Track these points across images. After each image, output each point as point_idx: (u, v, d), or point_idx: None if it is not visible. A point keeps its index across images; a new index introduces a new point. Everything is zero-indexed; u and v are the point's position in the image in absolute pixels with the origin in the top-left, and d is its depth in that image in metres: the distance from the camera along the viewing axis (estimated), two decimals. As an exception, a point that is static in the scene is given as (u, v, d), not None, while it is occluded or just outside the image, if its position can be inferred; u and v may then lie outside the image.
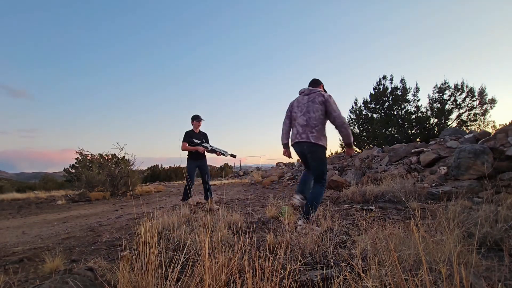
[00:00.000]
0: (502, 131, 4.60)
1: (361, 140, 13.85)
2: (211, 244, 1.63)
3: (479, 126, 11.96)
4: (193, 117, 4.71)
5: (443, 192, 3.58)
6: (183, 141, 4.57)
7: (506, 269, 1.38)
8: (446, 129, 8.23)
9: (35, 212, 6.43)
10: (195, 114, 4.72)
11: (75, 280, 1.41)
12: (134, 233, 2.93)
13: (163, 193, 10.02)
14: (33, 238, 3.37)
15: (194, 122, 4.69)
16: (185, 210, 3.67)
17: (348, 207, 3.75)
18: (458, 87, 12.19)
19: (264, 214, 3.48)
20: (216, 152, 4.65)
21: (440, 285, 1.19)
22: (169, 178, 24.39)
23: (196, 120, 4.68)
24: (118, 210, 5.90)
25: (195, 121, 4.68)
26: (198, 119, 4.69)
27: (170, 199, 7.45)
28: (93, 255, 2.30)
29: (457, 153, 4.31)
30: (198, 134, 4.69)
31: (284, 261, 1.68)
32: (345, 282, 1.26)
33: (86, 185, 9.03)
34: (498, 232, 1.85)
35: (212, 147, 4.64)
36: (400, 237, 1.67)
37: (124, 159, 10.10)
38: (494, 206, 2.40)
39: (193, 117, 4.71)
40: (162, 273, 1.33)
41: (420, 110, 12.72)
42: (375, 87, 13.73)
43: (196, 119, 4.68)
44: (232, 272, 1.33)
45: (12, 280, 1.75)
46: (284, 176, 10.73)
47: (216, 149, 4.64)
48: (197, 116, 4.70)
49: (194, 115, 4.72)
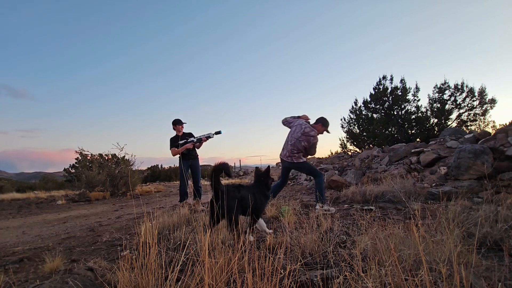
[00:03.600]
0: (502, 131, 4.60)
1: (361, 140, 13.84)
2: (211, 244, 1.63)
3: (479, 126, 11.95)
4: (174, 121, 4.75)
5: (443, 192, 3.58)
6: (171, 147, 4.66)
7: (506, 269, 1.38)
8: (446, 129, 8.23)
9: (35, 212, 6.44)
10: (176, 119, 4.75)
11: (75, 280, 1.41)
12: (134, 233, 2.93)
13: (163, 193, 10.02)
14: (33, 238, 3.37)
15: (176, 126, 4.74)
16: (185, 210, 3.67)
17: (348, 207, 3.75)
18: (458, 87, 12.18)
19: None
20: (202, 140, 4.67)
21: (440, 285, 1.19)
22: (169, 178, 24.38)
23: (178, 124, 4.73)
24: (118, 210, 5.90)
25: (177, 125, 4.73)
26: (180, 123, 4.75)
27: (170, 199, 7.45)
28: (93, 255, 2.30)
29: (457, 153, 4.31)
30: (182, 136, 4.75)
31: (284, 261, 1.68)
32: (345, 282, 1.26)
33: (86, 185, 9.03)
34: (498, 232, 1.85)
35: (196, 137, 4.68)
36: (400, 237, 1.67)
37: (124, 159, 10.09)
38: (494, 206, 2.40)
39: (174, 121, 4.75)
40: (162, 273, 1.33)
41: (420, 110, 12.71)
42: (375, 87, 13.72)
43: (178, 124, 4.74)
44: (232, 272, 1.33)
45: (12, 280, 1.75)
46: (284, 176, 10.71)
47: (201, 137, 4.67)
48: (178, 120, 4.75)
49: (175, 119, 4.75)
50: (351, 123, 14.48)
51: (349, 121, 14.59)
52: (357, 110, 14.39)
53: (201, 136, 4.68)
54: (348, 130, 14.50)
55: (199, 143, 4.68)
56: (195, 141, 4.64)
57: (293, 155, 3.71)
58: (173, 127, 4.76)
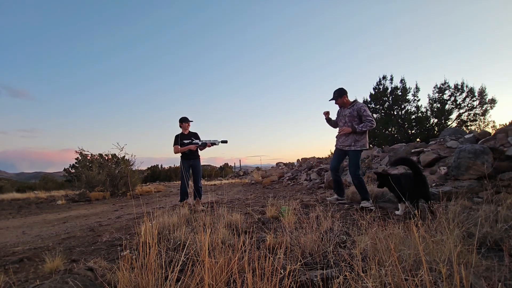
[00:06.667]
0: (502, 131, 4.60)
1: (361, 140, 13.84)
2: (211, 244, 1.63)
3: (479, 126, 11.95)
4: (181, 119, 4.73)
5: (443, 192, 3.57)
6: (174, 144, 4.64)
7: (506, 269, 1.38)
8: (446, 129, 8.23)
9: (35, 212, 6.44)
10: (183, 117, 4.74)
11: (75, 280, 1.41)
12: (134, 233, 2.93)
13: (163, 193, 10.02)
14: (33, 238, 3.37)
15: (182, 124, 4.73)
16: (184, 210, 3.67)
17: (348, 207, 3.75)
18: (458, 87, 12.18)
19: (264, 214, 3.48)
20: (207, 145, 4.68)
21: (440, 285, 1.19)
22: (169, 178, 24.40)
23: (184, 122, 4.72)
24: (118, 210, 5.90)
25: (184, 123, 4.72)
26: (186, 120, 4.73)
27: (170, 199, 7.46)
28: (93, 255, 2.30)
29: (457, 153, 4.31)
30: (188, 135, 4.74)
31: (284, 261, 1.68)
32: (345, 282, 1.26)
33: (86, 185, 9.03)
34: (498, 232, 1.85)
35: (202, 141, 4.68)
36: (400, 237, 1.67)
37: (124, 159, 10.10)
38: (494, 206, 2.40)
39: (181, 119, 4.73)
40: (162, 273, 1.33)
41: (420, 110, 12.71)
42: (375, 87, 13.72)
43: (184, 121, 4.72)
44: (232, 272, 1.33)
45: (12, 280, 1.75)
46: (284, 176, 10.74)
47: (206, 142, 4.68)
48: (184, 118, 4.74)
49: (182, 117, 4.74)
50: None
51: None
52: (357, 110, 14.39)
53: (206, 140, 4.69)
54: (348, 130, 14.49)
55: (203, 147, 4.68)
56: (199, 144, 4.64)
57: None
58: (179, 125, 4.75)
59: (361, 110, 3.79)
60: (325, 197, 4.81)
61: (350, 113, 3.86)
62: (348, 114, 3.87)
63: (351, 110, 3.87)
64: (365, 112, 3.78)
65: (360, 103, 3.87)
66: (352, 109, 3.87)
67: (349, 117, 3.86)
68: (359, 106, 3.83)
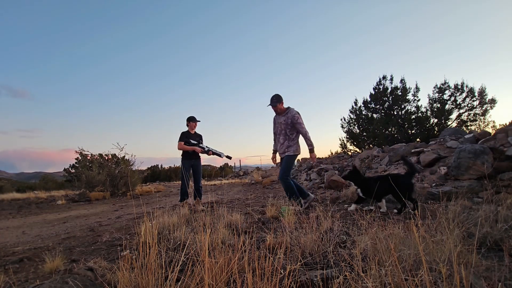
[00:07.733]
0: (502, 131, 4.60)
1: (361, 140, 13.84)
2: (211, 244, 1.64)
3: (479, 126, 11.96)
4: (189, 118, 4.77)
5: (443, 192, 3.57)
6: (180, 140, 4.64)
7: (506, 269, 1.38)
8: (446, 129, 8.23)
9: (35, 212, 6.44)
10: (191, 116, 4.78)
11: (75, 280, 1.41)
12: (134, 233, 2.93)
13: (163, 193, 10.02)
14: (33, 238, 3.37)
15: (190, 123, 4.75)
16: (185, 210, 3.67)
17: (348, 207, 3.75)
18: (458, 87, 12.19)
19: (264, 214, 3.48)
20: (209, 152, 4.72)
21: (440, 285, 1.19)
22: (169, 178, 24.39)
23: (192, 121, 4.75)
24: (118, 210, 5.90)
25: (191, 122, 4.75)
26: (194, 120, 4.76)
27: (170, 199, 7.46)
28: (93, 255, 2.30)
29: (457, 153, 4.30)
30: (194, 135, 4.77)
31: (284, 261, 1.68)
32: (345, 282, 1.26)
33: (86, 185, 9.03)
34: (498, 232, 1.85)
35: (208, 147, 4.73)
36: (400, 237, 1.67)
37: (124, 159, 10.09)
38: (494, 206, 2.40)
39: (189, 118, 4.77)
40: (162, 273, 1.33)
41: (420, 110, 12.72)
42: (375, 87, 13.73)
43: (192, 120, 4.75)
44: (232, 272, 1.33)
45: (12, 280, 1.75)
46: (284, 176, 10.71)
47: (212, 150, 4.73)
48: (193, 117, 4.77)
49: (190, 116, 4.78)
50: (351, 123, 14.49)
51: (349, 121, 14.60)
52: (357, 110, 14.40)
53: (212, 149, 4.75)
54: (348, 130, 14.51)
55: (207, 153, 4.73)
56: (205, 149, 4.69)
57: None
58: (186, 123, 4.79)
59: (294, 118, 3.86)
60: (325, 197, 4.81)
61: (285, 121, 3.93)
62: (283, 122, 3.94)
63: (286, 118, 3.92)
64: (298, 119, 3.86)
65: (293, 111, 3.92)
66: (286, 117, 3.92)
67: (284, 125, 3.93)
68: (292, 114, 3.89)
